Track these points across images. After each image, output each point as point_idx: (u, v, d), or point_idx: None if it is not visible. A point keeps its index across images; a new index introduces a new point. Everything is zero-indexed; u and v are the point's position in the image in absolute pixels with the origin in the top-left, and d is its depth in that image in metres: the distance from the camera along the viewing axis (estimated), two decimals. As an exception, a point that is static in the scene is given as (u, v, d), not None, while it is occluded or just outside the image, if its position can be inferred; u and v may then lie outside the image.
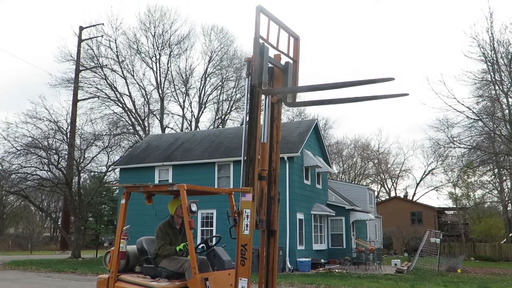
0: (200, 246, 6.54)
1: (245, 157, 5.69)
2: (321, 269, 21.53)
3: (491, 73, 28.03)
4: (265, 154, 5.87)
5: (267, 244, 5.87)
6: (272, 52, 6.10)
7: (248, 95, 5.76)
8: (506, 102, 28.55)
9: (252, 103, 5.73)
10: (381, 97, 4.92)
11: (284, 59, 6.26)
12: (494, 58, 27.54)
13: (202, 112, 44.68)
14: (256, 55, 5.60)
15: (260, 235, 5.91)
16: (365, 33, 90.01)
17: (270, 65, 5.95)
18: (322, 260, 22.88)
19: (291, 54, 6.28)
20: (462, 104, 26.91)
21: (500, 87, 27.83)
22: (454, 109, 26.94)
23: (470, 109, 27.23)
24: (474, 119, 27.81)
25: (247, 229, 5.39)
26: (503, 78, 27.79)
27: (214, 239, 6.70)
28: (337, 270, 20.84)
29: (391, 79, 4.45)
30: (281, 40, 6.09)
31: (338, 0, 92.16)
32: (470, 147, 29.20)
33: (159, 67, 42.42)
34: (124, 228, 6.41)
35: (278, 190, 6.02)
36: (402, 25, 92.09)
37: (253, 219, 5.45)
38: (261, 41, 5.73)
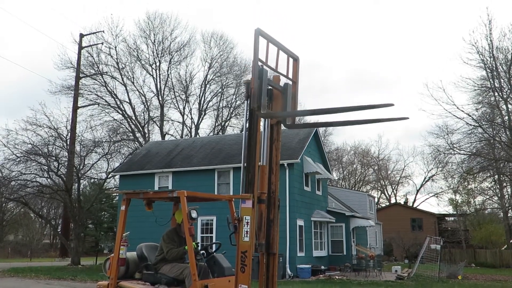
0: (200, 253, 6.53)
1: (245, 164, 5.68)
2: (321, 275, 21.46)
3: (491, 80, 28.10)
4: (264, 177, 5.79)
5: (266, 265, 5.83)
6: (270, 73, 6.14)
7: (247, 117, 5.76)
8: (505, 109, 28.59)
9: (251, 126, 5.71)
10: (381, 120, 4.96)
11: (283, 80, 6.28)
12: (493, 65, 27.62)
13: (202, 118, 44.77)
14: (255, 78, 5.60)
15: (260, 257, 5.87)
16: (365, 39, 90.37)
17: (269, 87, 5.95)
18: (322, 267, 22.81)
19: (290, 75, 6.29)
20: (462, 111, 26.96)
21: (500, 93, 27.89)
22: (454, 115, 27.00)
23: (470, 116, 27.28)
24: (473, 125, 27.84)
25: (247, 236, 5.38)
26: (502, 84, 27.86)
27: (214, 246, 6.70)
28: (337, 277, 20.78)
29: (391, 105, 4.52)
30: (280, 61, 6.12)
31: (339, 6, 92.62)
32: (470, 153, 29.20)
33: (159, 74, 42.55)
34: (124, 234, 6.41)
35: (278, 212, 5.94)
36: (402, 32, 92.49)
37: (253, 226, 5.44)
38: (259, 63, 5.73)
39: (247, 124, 5.75)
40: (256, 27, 5.65)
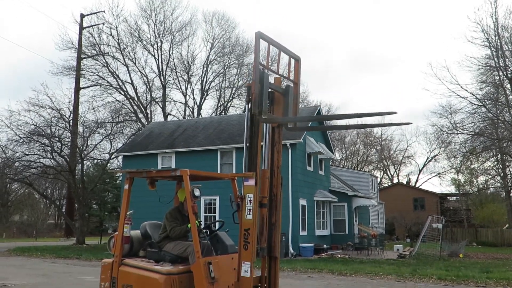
0: (203, 231, 6.58)
1: (247, 144, 5.67)
2: (323, 254, 21.67)
3: (495, 59, 27.87)
4: (265, 181, 5.76)
5: (268, 268, 5.84)
6: (272, 76, 6.08)
7: (248, 122, 5.69)
8: (510, 88, 28.42)
9: (252, 131, 5.65)
10: (384, 125, 4.98)
11: (284, 82, 6.21)
12: (498, 44, 27.36)
13: (204, 99, 44.65)
14: (256, 82, 5.51)
15: (261, 264, 5.89)
16: (368, 19, 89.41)
17: (270, 90, 5.86)
18: (325, 246, 23.02)
19: (291, 77, 6.22)
20: (466, 90, 26.84)
21: (504, 72, 27.68)
22: (458, 95, 26.89)
23: (474, 95, 27.15)
24: (477, 105, 27.73)
25: (250, 214, 5.41)
26: (507, 63, 27.63)
27: (217, 224, 6.74)
28: (339, 256, 20.98)
29: (394, 112, 4.52)
30: (281, 62, 6.05)
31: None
32: (473, 133, 29.14)
33: (161, 55, 42.31)
34: (127, 213, 6.45)
35: (280, 216, 5.91)
36: (405, 12, 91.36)
37: (256, 204, 5.45)
38: (260, 67, 5.64)
39: (248, 130, 5.69)
40: (257, 30, 5.56)
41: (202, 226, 6.38)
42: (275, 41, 5.85)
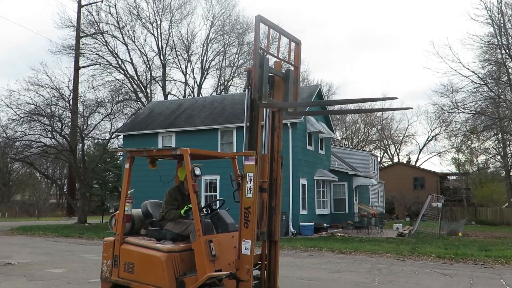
0: (204, 209, 6.61)
1: (248, 123, 5.65)
2: (323, 233, 21.84)
3: (498, 37, 27.58)
4: (265, 165, 5.75)
5: (268, 252, 5.86)
6: (272, 60, 6.00)
7: (248, 106, 5.66)
8: (512, 66, 28.20)
9: (252, 115, 5.63)
10: (385, 110, 4.92)
11: (284, 66, 6.15)
12: (502, 21, 27.04)
13: (205, 78, 44.40)
14: (256, 67, 5.44)
15: (262, 245, 5.91)
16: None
17: (270, 74, 5.80)
18: (325, 225, 23.18)
19: (291, 61, 6.17)
20: (467, 69, 26.65)
21: (507, 51, 27.43)
22: (459, 73, 26.73)
23: (476, 74, 26.97)
24: (479, 83, 27.57)
25: (250, 192, 5.42)
26: (510, 41, 27.34)
27: (218, 202, 6.77)
28: (339, 234, 21.15)
29: (395, 98, 4.48)
30: (281, 46, 5.95)
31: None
32: (474, 112, 29.05)
33: (160, 33, 41.90)
34: (128, 192, 6.47)
35: (280, 200, 5.91)
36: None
37: (256, 182, 5.46)
38: (260, 51, 5.57)
39: (248, 115, 5.66)
40: (257, 14, 5.46)
41: (203, 205, 6.41)
42: (275, 24, 5.76)
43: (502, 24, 26.98)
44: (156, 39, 41.77)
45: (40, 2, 78.60)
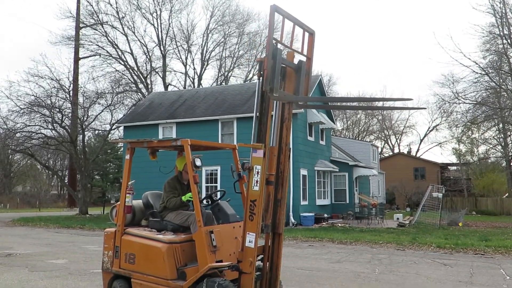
0: (204, 200, 6.62)
1: (257, 114, 5.54)
2: (324, 223, 21.90)
3: (499, 27, 27.43)
4: (273, 158, 5.65)
5: (271, 244, 5.82)
6: (284, 50, 5.85)
7: (259, 98, 5.55)
8: (513, 56, 28.06)
9: (262, 107, 5.52)
10: (398, 108, 4.80)
11: (297, 57, 5.98)
12: (503, 11, 26.87)
13: (205, 69, 44.30)
14: (269, 58, 5.31)
15: (265, 237, 5.87)
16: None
17: (282, 65, 5.67)
18: (325, 215, 23.23)
19: (304, 51, 5.99)
20: (469, 59, 26.60)
21: (508, 40, 27.28)
22: (461, 63, 26.67)
23: (477, 64, 26.85)
24: (480, 73, 27.46)
25: (257, 185, 5.35)
26: (511, 31, 27.19)
27: (218, 193, 6.77)
28: (340, 225, 21.20)
29: (410, 99, 4.31)
30: (295, 36, 5.82)
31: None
32: (475, 102, 28.97)
33: (160, 23, 41.75)
34: (129, 183, 6.47)
35: (286, 192, 5.83)
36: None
37: (264, 176, 5.38)
38: (274, 41, 5.43)
39: (258, 107, 5.56)
40: (272, 3, 5.27)
41: (203, 197, 6.41)
42: (290, 14, 5.61)
43: (503, 14, 26.82)
44: (156, 29, 41.65)
45: (39, -8, 78.19)
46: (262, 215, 5.52)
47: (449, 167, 48.09)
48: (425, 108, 4.89)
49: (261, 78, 5.50)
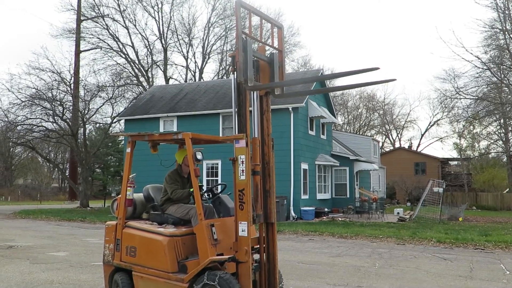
0: (205, 194, 6.62)
1: (236, 108, 5.76)
2: (324, 217, 21.94)
3: (502, 21, 27.33)
4: (256, 149, 5.83)
5: (266, 235, 5.90)
6: (256, 45, 6.04)
7: (235, 91, 5.71)
8: (515, 51, 27.95)
9: (239, 100, 5.69)
10: (369, 84, 4.85)
11: (268, 51, 6.20)
12: (505, 5, 26.75)
13: (206, 63, 44.22)
14: (240, 51, 5.49)
15: (259, 228, 5.96)
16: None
17: (254, 58, 5.85)
18: (326, 209, 23.27)
19: (275, 44, 6.22)
20: (471, 53, 26.56)
21: (510, 35, 27.19)
22: (462, 58, 26.65)
23: (478, 58, 26.76)
24: (482, 68, 27.38)
25: (243, 175, 5.48)
26: (514, 26, 27.10)
27: (219, 187, 6.78)
28: (340, 219, 21.24)
29: (377, 68, 4.35)
30: (264, 31, 5.94)
31: None
32: (477, 97, 28.92)
33: (162, 17, 41.64)
34: (130, 176, 6.48)
35: (274, 183, 5.96)
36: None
37: (249, 165, 5.52)
38: (243, 35, 5.63)
39: (236, 100, 5.73)
40: None
41: (204, 190, 6.42)
42: (256, 9, 5.85)
43: (506, 8, 26.71)
44: (157, 22, 41.57)
45: (40, -15, 77.91)
46: (253, 205, 5.63)
47: (449, 162, 48.09)
48: (395, 80, 4.83)
49: (235, 72, 5.66)
